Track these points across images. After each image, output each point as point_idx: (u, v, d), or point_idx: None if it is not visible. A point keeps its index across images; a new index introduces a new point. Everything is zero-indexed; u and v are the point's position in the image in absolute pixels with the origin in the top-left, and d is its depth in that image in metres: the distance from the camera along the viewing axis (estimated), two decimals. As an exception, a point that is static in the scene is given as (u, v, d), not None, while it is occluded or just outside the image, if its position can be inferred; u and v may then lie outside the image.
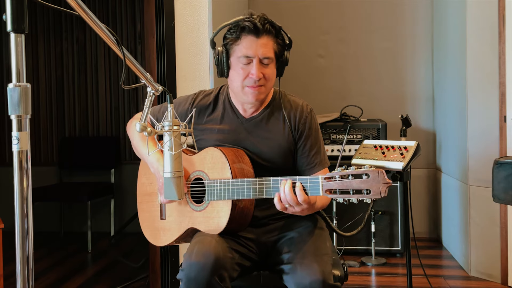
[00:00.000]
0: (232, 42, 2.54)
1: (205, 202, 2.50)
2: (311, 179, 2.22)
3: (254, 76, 2.48)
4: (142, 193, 2.88)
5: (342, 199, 2.13)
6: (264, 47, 2.50)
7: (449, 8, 5.29)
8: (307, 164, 2.67)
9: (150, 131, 2.09)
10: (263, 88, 2.55)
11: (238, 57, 2.52)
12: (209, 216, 2.48)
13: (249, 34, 2.49)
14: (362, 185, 2.07)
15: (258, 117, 2.68)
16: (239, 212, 2.44)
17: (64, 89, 6.87)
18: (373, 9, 6.12)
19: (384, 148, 3.26)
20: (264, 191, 2.34)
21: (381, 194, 2.04)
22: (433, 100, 6.02)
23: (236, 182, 2.39)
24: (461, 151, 4.83)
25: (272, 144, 2.63)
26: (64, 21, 6.88)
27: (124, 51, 1.87)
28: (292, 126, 2.65)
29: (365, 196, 2.06)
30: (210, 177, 2.50)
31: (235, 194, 2.39)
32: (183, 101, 2.79)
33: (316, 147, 2.69)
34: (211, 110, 2.74)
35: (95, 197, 6.10)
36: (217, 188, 2.44)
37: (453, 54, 5.10)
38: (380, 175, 2.05)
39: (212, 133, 2.68)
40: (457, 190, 4.98)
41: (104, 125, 6.81)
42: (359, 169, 2.09)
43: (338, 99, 6.03)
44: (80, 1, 1.61)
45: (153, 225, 2.78)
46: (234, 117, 2.69)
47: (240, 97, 2.61)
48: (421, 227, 5.98)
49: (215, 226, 2.45)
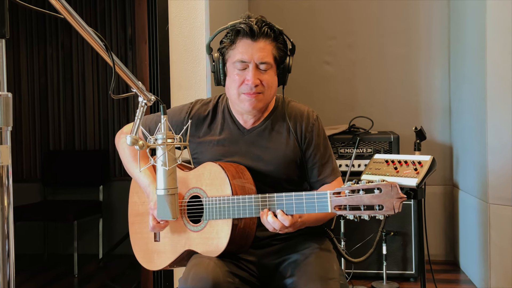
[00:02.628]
0: (228, 47, 2.55)
1: (203, 221, 2.49)
2: (318, 194, 2.22)
3: (249, 82, 2.48)
4: (134, 213, 2.87)
5: (352, 215, 2.13)
6: (261, 51, 2.49)
7: (467, 9, 5.27)
8: (318, 175, 2.67)
9: (142, 145, 2.07)
10: (261, 96, 2.53)
11: (233, 62, 2.52)
12: (207, 236, 2.47)
13: (245, 37, 2.50)
14: (374, 200, 2.07)
15: (260, 127, 2.67)
16: (240, 232, 2.43)
17: (48, 99, 6.87)
18: (384, 11, 6.13)
19: (396, 163, 3.26)
20: (268, 208, 2.33)
21: (395, 209, 2.03)
22: (449, 111, 6.01)
23: (237, 199, 2.38)
24: (480, 167, 4.81)
25: (276, 154, 2.62)
26: (48, 25, 6.89)
27: (113, 58, 1.87)
28: (298, 136, 2.65)
29: (377, 212, 2.06)
30: (209, 195, 2.49)
31: (236, 212, 2.38)
32: (178, 111, 2.78)
33: (327, 156, 2.69)
34: (209, 120, 2.73)
35: (82, 216, 6.07)
36: (216, 206, 2.43)
37: (472, 60, 5.10)
38: (394, 189, 2.05)
39: (211, 145, 2.67)
40: (476, 208, 4.96)
41: (92, 138, 6.80)
42: (371, 183, 2.08)
43: (346, 110, 6.02)
44: (65, 2, 1.61)
45: (146, 247, 2.77)
46: (235, 128, 2.68)
47: (237, 105, 2.60)
48: (436, 249, 5.96)
49: (214, 248, 2.43)
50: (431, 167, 3.13)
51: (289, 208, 2.30)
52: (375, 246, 3.62)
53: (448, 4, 5.97)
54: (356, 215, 2.12)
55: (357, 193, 2.10)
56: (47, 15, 2.09)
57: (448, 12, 5.98)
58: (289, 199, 2.30)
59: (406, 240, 5.10)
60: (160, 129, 2.18)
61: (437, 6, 6.02)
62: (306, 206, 2.26)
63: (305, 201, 2.26)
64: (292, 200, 2.29)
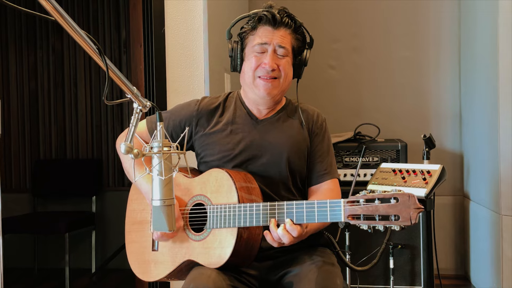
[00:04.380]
0: (248, 32, 2.70)
1: (206, 230, 2.49)
2: (331, 203, 2.22)
3: (267, 66, 2.59)
4: (131, 221, 2.87)
5: (366, 225, 2.13)
6: (281, 38, 2.63)
7: (478, 10, 5.27)
8: (317, 171, 2.76)
9: (137, 153, 2.06)
10: (277, 81, 2.65)
11: (253, 46, 2.65)
12: (209, 246, 2.47)
13: (266, 24, 2.63)
14: (390, 210, 2.07)
15: (273, 118, 2.78)
16: (245, 243, 2.43)
17: (38, 105, 6.88)
18: (391, 13, 6.12)
19: (404, 172, 3.26)
20: (277, 217, 2.33)
21: (412, 220, 2.03)
22: (460, 118, 6.01)
23: (244, 207, 2.38)
24: (492, 176, 4.81)
25: (290, 140, 2.72)
26: (39, 27, 6.90)
27: (107, 62, 1.87)
28: (309, 127, 2.79)
29: (393, 223, 2.06)
30: (213, 202, 2.50)
31: (242, 221, 2.38)
32: (186, 104, 2.87)
33: (329, 156, 2.80)
34: (221, 111, 2.82)
35: (74, 228, 6.05)
36: (221, 214, 2.44)
37: (483, 64, 5.10)
38: (411, 199, 2.05)
39: (223, 134, 2.73)
40: (488, 220, 4.96)
41: (84, 146, 6.80)
42: (387, 193, 2.09)
43: (351, 116, 6.03)
44: (56, 4, 1.61)
45: (142, 257, 2.76)
46: (247, 118, 2.77)
47: (252, 90, 2.70)
48: (446, 263, 5.96)
49: (216, 259, 2.43)
50: (440, 177, 3.13)
51: (299, 217, 2.29)
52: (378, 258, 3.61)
53: (458, 5, 5.97)
54: (371, 225, 2.12)
55: (372, 202, 2.11)
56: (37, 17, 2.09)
57: (459, 14, 5.97)
58: (300, 207, 2.29)
59: (415, 254, 5.09)
60: (156, 137, 2.16)
61: (447, 7, 6.01)
62: (318, 215, 2.25)
63: (317, 210, 2.24)
64: (303, 208, 2.28)
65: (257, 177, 2.60)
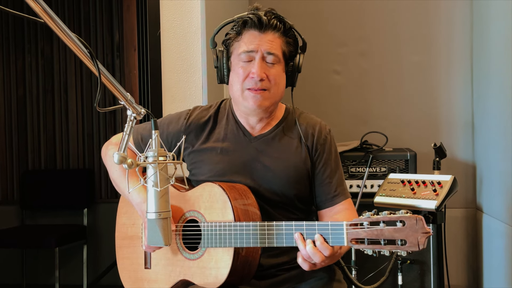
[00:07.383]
0: (233, 39, 2.60)
1: (201, 249, 2.47)
2: (333, 225, 2.19)
3: (255, 75, 2.48)
4: (122, 236, 2.85)
5: (371, 250, 2.10)
6: (269, 43, 2.52)
7: (492, 10, 5.26)
8: (327, 194, 2.66)
9: (130, 163, 2.03)
10: (267, 93, 2.54)
11: (239, 54, 2.54)
12: (205, 266, 2.45)
13: (252, 28, 2.54)
14: (396, 234, 2.04)
15: (269, 135, 2.67)
16: (243, 261, 2.40)
17: (26, 112, 6.88)
18: (400, 15, 6.11)
19: (413, 183, 3.25)
20: (275, 238, 2.30)
21: (419, 246, 2.00)
22: (472, 126, 6.01)
23: (240, 226, 2.35)
24: (506, 187, 4.80)
25: (286, 165, 2.61)
26: (27, 30, 6.91)
27: (99, 67, 1.87)
28: (309, 146, 2.66)
29: (400, 248, 2.03)
30: (207, 219, 2.47)
31: (238, 241, 2.35)
32: (176, 118, 2.78)
33: (338, 174, 2.70)
34: (210, 126, 2.73)
35: (65, 242, 6.06)
36: (216, 233, 2.41)
37: (498, 69, 5.08)
38: (419, 222, 2.01)
39: (213, 154, 2.66)
40: (502, 234, 4.95)
41: (75, 156, 6.80)
42: (393, 215, 2.06)
43: (358, 124, 6.03)
44: (45, 5, 1.61)
45: (135, 275, 2.75)
46: (240, 134, 2.68)
47: (241, 104, 2.60)
48: (458, 279, 5.95)
49: (213, 279, 2.40)
50: (452, 188, 3.12)
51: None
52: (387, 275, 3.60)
53: (470, 5, 5.95)
54: (376, 250, 2.09)
55: (377, 225, 2.07)
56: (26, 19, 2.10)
57: (471, 16, 5.96)
58: (300, 229, 2.26)
59: (424, 269, 5.09)
60: (151, 146, 2.14)
61: (459, 9, 5.99)
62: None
63: (318, 232, 2.21)
64: (303, 230, 2.24)
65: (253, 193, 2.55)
